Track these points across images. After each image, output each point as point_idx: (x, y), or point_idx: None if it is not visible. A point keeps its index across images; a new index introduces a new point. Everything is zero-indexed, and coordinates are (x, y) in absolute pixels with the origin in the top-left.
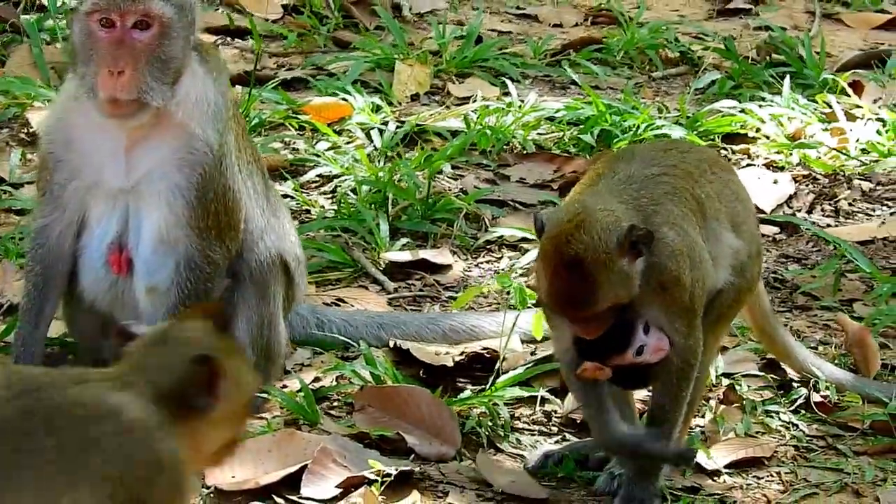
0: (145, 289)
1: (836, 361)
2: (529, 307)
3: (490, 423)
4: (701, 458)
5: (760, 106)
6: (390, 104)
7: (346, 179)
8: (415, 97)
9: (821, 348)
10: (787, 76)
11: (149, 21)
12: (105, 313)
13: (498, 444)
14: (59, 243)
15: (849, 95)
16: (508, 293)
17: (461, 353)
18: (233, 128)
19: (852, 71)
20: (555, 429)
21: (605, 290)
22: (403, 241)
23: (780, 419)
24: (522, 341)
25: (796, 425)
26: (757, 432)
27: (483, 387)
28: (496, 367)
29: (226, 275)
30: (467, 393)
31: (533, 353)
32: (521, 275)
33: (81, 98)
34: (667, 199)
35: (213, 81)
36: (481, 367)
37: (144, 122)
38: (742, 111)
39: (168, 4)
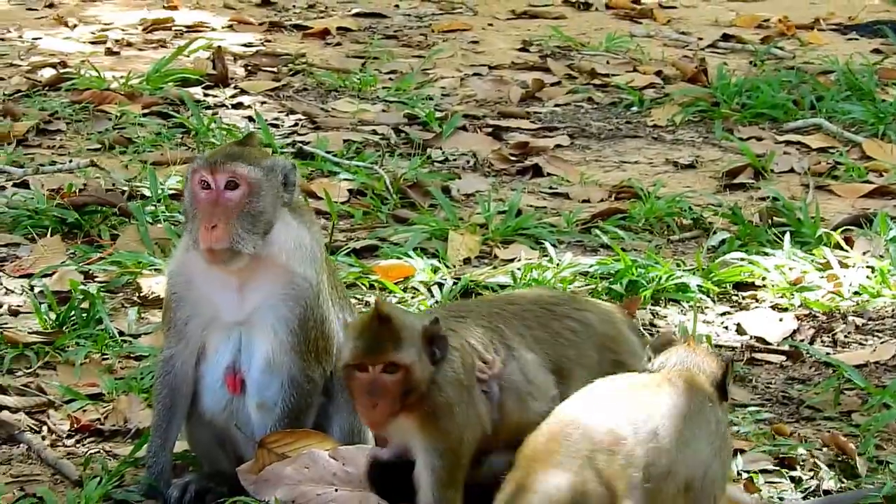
0: (256, 405)
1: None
2: None
3: None
4: None
5: (765, 258)
6: (446, 266)
7: None
8: (466, 261)
9: (824, 450)
10: (788, 233)
11: (237, 182)
12: (221, 427)
13: None
14: (183, 370)
15: (843, 249)
16: None
17: None
18: (326, 269)
19: (844, 228)
20: None
21: (405, 347)
22: None
23: None
24: None
25: None
26: None
27: None
28: None
29: (322, 391)
30: None
31: None
32: None
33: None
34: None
35: (308, 231)
36: None
37: (243, 266)
38: (750, 262)
39: (255, 168)
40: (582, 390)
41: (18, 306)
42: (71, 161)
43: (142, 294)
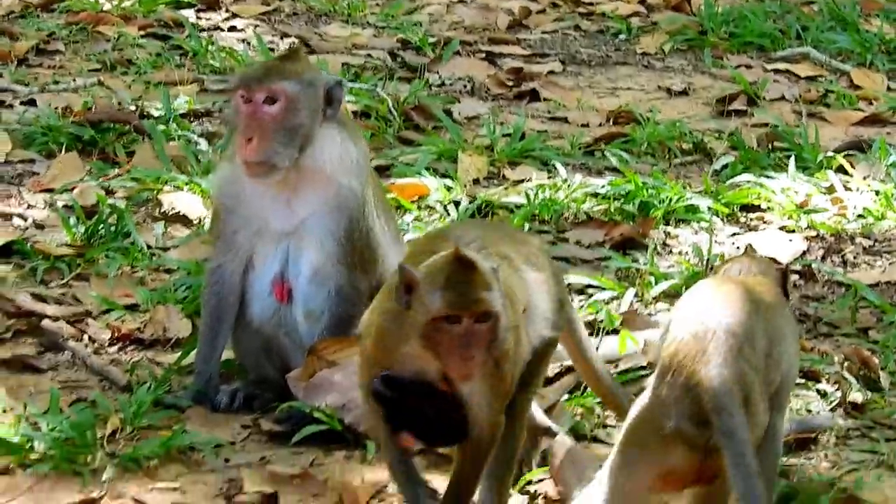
0: (303, 314)
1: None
2: (609, 333)
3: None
4: None
5: (771, 181)
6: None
7: None
8: (476, 181)
9: (846, 364)
10: (793, 157)
11: (274, 97)
12: (269, 335)
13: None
14: (232, 279)
15: (845, 172)
16: None
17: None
18: (371, 183)
19: (844, 153)
20: None
21: (495, 295)
22: None
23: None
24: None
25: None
26: None
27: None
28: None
29: (367, 301)
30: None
31: (616, 366)
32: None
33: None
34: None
35: (354, 145)
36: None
37: (279, 178)
38: (758, 185)
39: (293, 83)
40: (689, 297)
41: (42, 220)
42: (75, 81)
43: (162, 210)
